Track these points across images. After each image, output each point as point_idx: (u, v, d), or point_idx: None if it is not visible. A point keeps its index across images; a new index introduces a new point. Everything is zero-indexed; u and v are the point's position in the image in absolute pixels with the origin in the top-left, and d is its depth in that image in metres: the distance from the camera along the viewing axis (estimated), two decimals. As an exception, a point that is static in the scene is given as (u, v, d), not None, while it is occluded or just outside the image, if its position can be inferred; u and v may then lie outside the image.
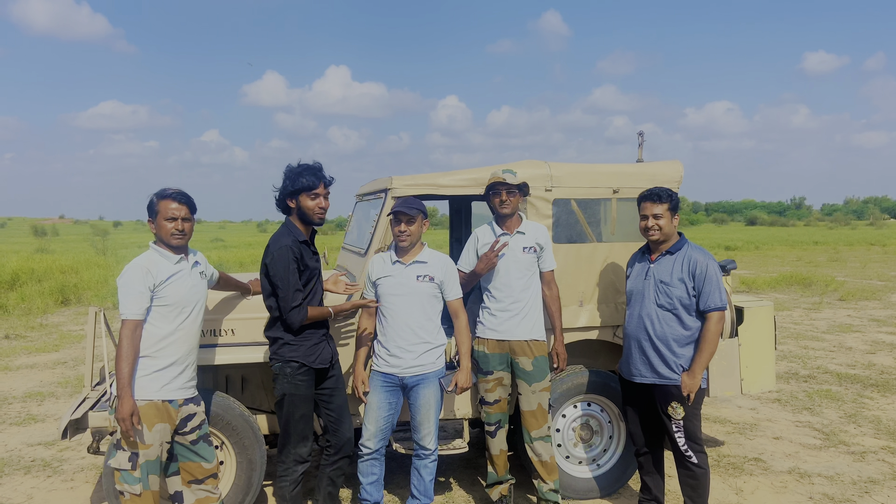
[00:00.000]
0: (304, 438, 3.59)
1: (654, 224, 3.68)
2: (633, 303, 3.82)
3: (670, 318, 3.65)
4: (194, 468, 3.38)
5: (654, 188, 3.75)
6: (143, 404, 3.13)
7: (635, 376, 3.78)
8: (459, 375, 3.78)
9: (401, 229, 3.65)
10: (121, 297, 3.16)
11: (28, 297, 13.40)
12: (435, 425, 3.77)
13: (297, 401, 3.54)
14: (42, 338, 10.29)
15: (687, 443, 3.68)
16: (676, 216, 3.74)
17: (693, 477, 3.72)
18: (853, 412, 6.30)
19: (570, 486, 4.31)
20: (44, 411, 6.46)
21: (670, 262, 3.69)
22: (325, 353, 3.59)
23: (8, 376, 7.90)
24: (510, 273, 3.92)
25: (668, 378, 3.65)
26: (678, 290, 3.63)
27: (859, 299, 14.21)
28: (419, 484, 3.84)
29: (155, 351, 3.18)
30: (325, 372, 3.64)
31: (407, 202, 3.68)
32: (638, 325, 3.75)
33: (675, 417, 3.66)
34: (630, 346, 3.82)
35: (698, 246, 3.75)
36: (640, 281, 3.79)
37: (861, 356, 8.78)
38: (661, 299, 3.68)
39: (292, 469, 3.59)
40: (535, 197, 4.22)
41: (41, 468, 5.02)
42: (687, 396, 3.62)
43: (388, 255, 3.80)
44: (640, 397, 3.85)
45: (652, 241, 3.75)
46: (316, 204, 3.49)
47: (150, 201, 3.30)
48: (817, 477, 4.77)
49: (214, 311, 3.83)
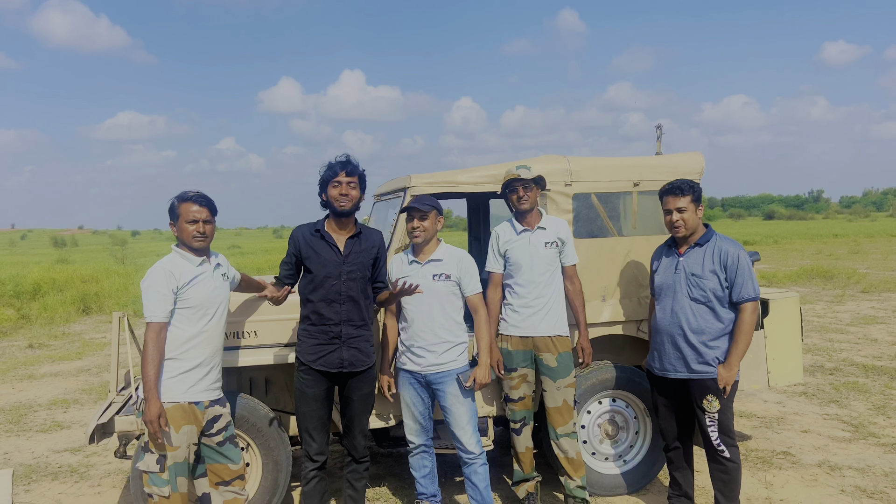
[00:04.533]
0: (308, 435, 3.57)
1: (678, 218, 3.61)
2: (664, 297, 3.74)
3: (705, 311, 3.59)
4: (221, 470, 3.38)
5: (675, 181, 3.68)
6: (170, 406, 3.14)
7: (669, 372, 3.70)
8: (478, 371, 3.73)
9: (413, 225, 3.64)
10: (145, 300, 3.17)
11: (50, 306, 13.54)
12: (471, 423, 3.71)
13: (300, 397, 3.54)
14: (65, 346, 10.39)
15: (720, 436, 3.62)
16: (700, 207, 3.67)
17: (725, 471, 3.66)
18: (881, 404, 6.20)
19: (597, 482, 4.27)
20: (69, 418, 6.51)
21: (700, 254, 3.62)
22: (333, 358, 3.51)
23: (33, 384, 7.98)
24: (533, 269, 3.89)
25: (703, 372, 3.59)
26: (711, 282, 3.56)
27: (882, 291, 14.02)
28: (475, 493, 3.75)
29: (180, 353, 3.19)
30: (344, 377, 3.58)
31: (420, 199, 3.66)
32: (672, 320, 3.67)
33: (710, 411, 3.59)
34: (662, 342, 3.73)
35: (727, 236, 3.69)
36: (670, 275, 3.71)
37: (887, 347, 8.65)
38: (694, 293, 3.61)
39: (304, 466, 3.61)
40: (555, 192, 4.19)
41: (68, 474, 5.06)
42: (723, 389, 3.57)
43: (406, 255, 3.79)
44: (672, 392, 3.78)
45: (678, 236, 3.68)
46: (337, 192, 3.47)
47: (171, 204, 3.32)
48: (848, 469, 4.70)
49: (237, 313, 3.84)
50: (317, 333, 3.51)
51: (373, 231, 3.70)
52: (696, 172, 4.35)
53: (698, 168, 4.38)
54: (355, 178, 3.51)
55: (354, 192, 3.50)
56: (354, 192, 3.50)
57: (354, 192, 3.50)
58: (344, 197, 3.47)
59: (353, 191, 3.49)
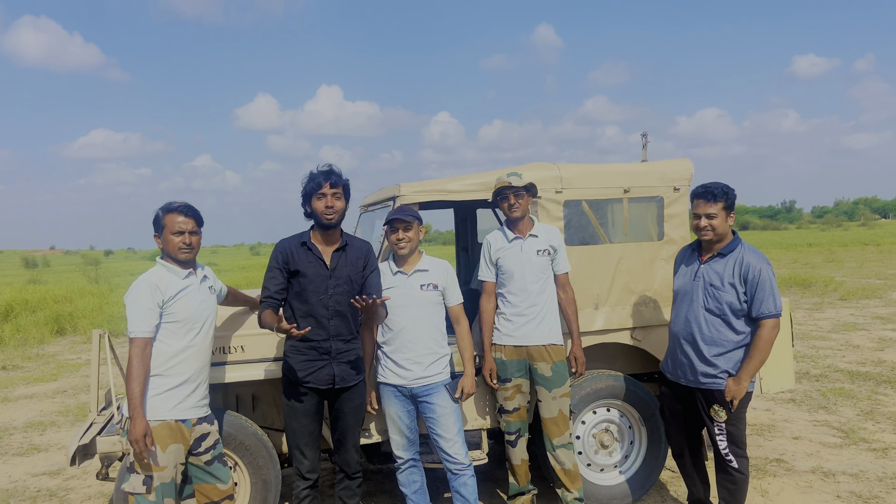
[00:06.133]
0: (299, 452, 3.47)
1: (706, 224, 3.45)
2: (680, 303, 3.65)
3: (719, 322, 3.48)
4: (210, 490, 3.26)
5: (710, 184, 3.48)
6: (156, 425, 3.02)
7: (680, 378, 3.65)
8: (464, 381, 3.68)
9: (398, 237, 3.57)
10: (129, 315, 3.06)
11: (23, 327, 13.20)
12: (460, 434, 3.66)
13: (290, 413, 3.45)
14: (39, 368, 10.12)
15: (729, 447, 3.54)
16: (732, 214, 3.49)
17: (732, 482, 3.59)
18: (869, 409, 6.22)
19: (593, 494, 4.20)
20: (46, 441, 6.31)
21: (722, 265, 3.48)
22: (323, 374, 3.41)
23: (7, 407, 7.74)
24: (525, 277, 3.84)
25: (711, 383, 3.50)
26: (728, 294, 3.43)
27: (860, 298, 14.18)
28: None
29: (166, 369, 3.08)
30: (335, 392, 3.48)
31: (402, 209, 3.61)
32: (685, 327, 3.59)
33: (718, 420, 3.52)
34: (675, 348, 3.68)
35: (753, 248, 3.52)
36: (689, 282, 3.61)
37: (870, 353, 8.72)
38: (709, 303, 3.49)
39: (295, 485, 3.51)
40: (546, 199, 4.14)
41: (47, 498, 4.87)
42: (731, 402, 3.47)
43: (387, 265, 3.70)
44: (682, 398, 3.72)
45: (705, 241, 3.54)
46: (323, 204, 3.37)
47: (156, 216, 3.21)
48: (842, 475, 4.68)
49: (223, 327, 3.73)
50: (305, 350, 3.41)
51: (360, 242, 3.60)
52: (686, 178, 4.34)
53: (687, 174, 4.37)
54: (339, 189, 3.41)
55: (340, 204, 3.41)
56: (340, 204, 3.41)
57: (340, 203, 3.41)
58: (330, 209, 3.36)
59: (338, 202, 3.40)
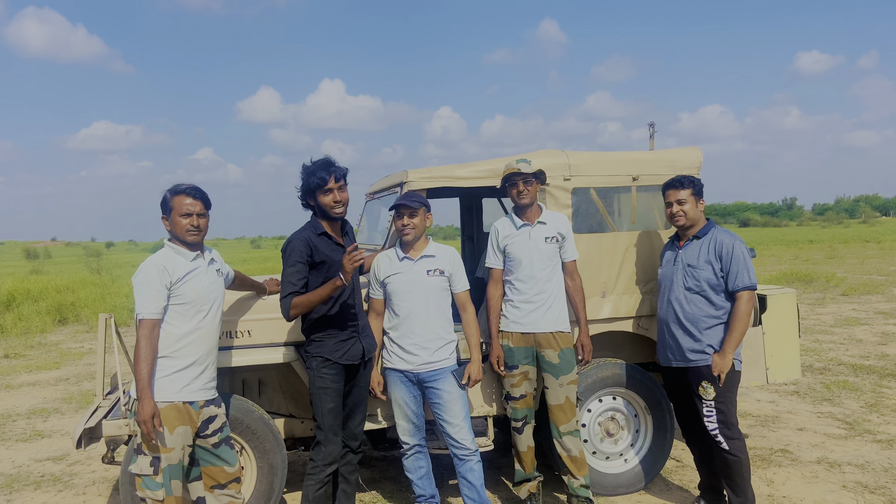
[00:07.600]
0: (334, 434, 3.49)
1: (678, 210, 3.73)
2: (663, 289, 3.84)
3: (699, 299, 3.66)
4: (217, 472, 3.25)
5: (676, 176, 3.81)
6: (164, 406, 3.02)
7: (671, 361, 3.77)
8: (471, 367, 3.68)
9: (404, 223, 3.58)
10: (137, 297, 3.05)
11: (25, 316, 13.19)
12: (466, 420, 3.66)
13: (323, 394, 3.45)
14: (42, 356, 10.12)
15: (718, 427, 3.62)
16: (702, 200, 3.77)
17: (726, 464, 3.65)
18: (873, 402, 6.21)
19: (598, 482, 4.19)
20: (49, 427, 6.31)
21: (697, 247, 3.72)
22: (355, 350, 3.50)
23: (10, 394, 7.74)
24: (533, 264, 3.83)
25: (698, 360, 3.64)
26: (705, 272, 3.64)
27: (862, 293, 14.16)
28: (471, 492, 3.68)
29: (174, 351, 3.07)
30: (356, 368, 3.55)
31: (409, 195, 3.62)
32: (667, 309, 3.77)
33: (706, 398, 3.62)
34: (662, 332, 3.84)
35: (725, 229, 3.77)
36: (670, 267, 3.82)
37: (873, 347, 8.71)
38: (688, 282, 3.69)
39: (321, 469, 3.48)
40: (554, 186, 4.13)
41: (51, 483, 4.87)
42: (717, 377, 3.59)
43: (393, 251, 3.71)
44: (676, 382, 3.85)
45: (678, 226, 3.78)
46: (330, 199, 3.40)
47: (164, 198, 3.21)
48: (847, 466, 4.67)
49: (230, 311, 3.72)
50: (336, 332, 3.47)
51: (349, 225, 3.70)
52: (695, 167, 4.32)
53: (696, 162, 4.35)
54: (343, 181, 3.46)
55: (345, 195, 3.47)
56: (345, 195, 3.47)
57: (345, 194, 3.47)
58: (338, 203, 3.43)
59: (343, 194, 3.46)
